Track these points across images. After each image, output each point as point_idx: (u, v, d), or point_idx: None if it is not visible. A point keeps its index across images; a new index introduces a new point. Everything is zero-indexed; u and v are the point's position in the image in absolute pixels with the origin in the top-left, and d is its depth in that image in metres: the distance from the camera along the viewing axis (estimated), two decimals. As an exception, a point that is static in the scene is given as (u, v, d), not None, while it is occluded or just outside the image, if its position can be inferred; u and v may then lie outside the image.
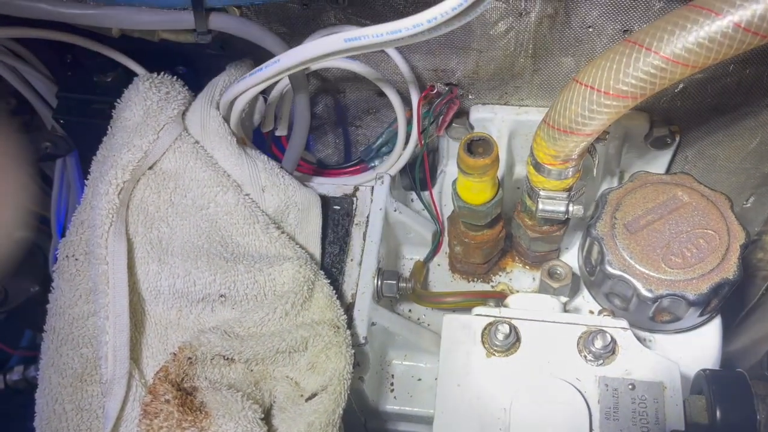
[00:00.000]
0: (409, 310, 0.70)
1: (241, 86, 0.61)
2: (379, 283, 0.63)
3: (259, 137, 0.72)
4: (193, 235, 0.60)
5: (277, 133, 0.72)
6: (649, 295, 0.57)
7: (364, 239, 0.66)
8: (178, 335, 0.59)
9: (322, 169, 0.77)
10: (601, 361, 0.52)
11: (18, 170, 0.68)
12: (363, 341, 0.61)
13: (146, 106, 0.61)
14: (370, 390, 0.64)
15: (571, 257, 0.69)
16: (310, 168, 0.76)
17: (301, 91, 0.65)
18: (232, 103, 0.63)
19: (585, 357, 0.53)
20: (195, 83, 0.65)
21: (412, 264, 0.71)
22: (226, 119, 0.64)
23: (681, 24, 0.43)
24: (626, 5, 0.60)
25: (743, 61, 0.63)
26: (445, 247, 0.72)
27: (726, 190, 0.62)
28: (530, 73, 0.68)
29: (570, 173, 0.56)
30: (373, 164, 0.76)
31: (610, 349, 0.52)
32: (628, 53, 0.46)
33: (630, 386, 0.51)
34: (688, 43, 0.43)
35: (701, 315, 0.61)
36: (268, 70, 0.57)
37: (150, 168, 0.61)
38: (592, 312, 0.65)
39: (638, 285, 0.57)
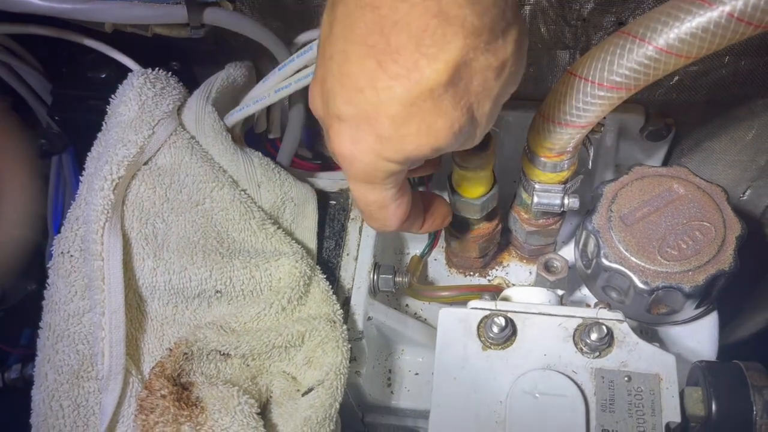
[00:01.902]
0: (406, 305, 0.70)
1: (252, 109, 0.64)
2: (376, 277, 0.63)
3: (252, 134, 0.72)
4: (188, 230, 0.60)
5: (271, 136, 0.72)
6: (645, 287, 0.57)
7: (360, 234, 0.66)
8: (174, 331, 0.59)
9: (318, 164, 0.77)
10: (597, 354, 0.52)
11: (21, 167, 0.68)
12: (359, 336, 0.61)
13: (141, 101, 0.61)
14: (367, 385, 0.64)
15: (568, 251, 0.69)
16: (305, 163, 0.76)
17: (296, 86, 0.65)
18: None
19: (581, 349, 0.53)
20: (189, 79, 0.65)
21: (408, 259, 0.71)
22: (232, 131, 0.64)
23: (674, 14, 0.43)
24: (621, -3, 0.60)
25: (738, 53, 0.63)
26: (441, 242, 0.72)
27: (722, 183, 0.62)
28: (525, 66, 0.68)
29: (565, 166, 0.55)
30: (369, 159, 0.75)
31: (606, 342, 0.52)
32: (622, 44, 0.46)
33: (626, 378, 0.51)
34: (681, 34, 0.43)
35: (698, 307, 0.61)
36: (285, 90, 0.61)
37: (145, 164, 0.61)
38: (588, 305, 0.65)
39: (634, 277, 0.57)
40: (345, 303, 0.62)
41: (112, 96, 0.63)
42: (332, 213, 0.68)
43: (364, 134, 0.38)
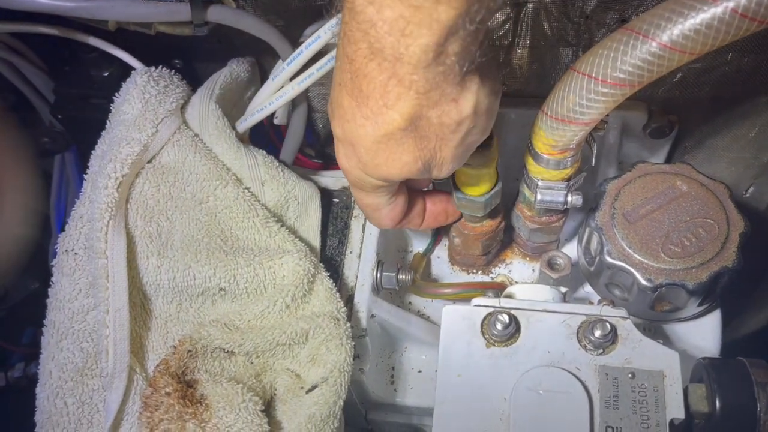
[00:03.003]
0: (410, 302, 0.70)
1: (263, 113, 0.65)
2: (379, 275, 0.64)
3: (255, 132, 0.72)
4: (192, 228, 0.60)
5: (276, 122, 0.72)
6: (648, 284, 0.57)
7: (363, 232, 0.66)
8: (179, 329, 0.59)
9: (321, 162, 0.77)
10: (601, 350, 0.52)
11: (21, 167, 0.68)
12: (363, 333, 0.61)
13: (145, 99, 0.61)
14: (371, 382, 0.64)
15: (571, 248, 0.69)
16: (308, 161, 0.76)
17: (299, 84, 0.65)
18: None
19: (585, 346, 0.53)
20: (191, 76, 0.65)
21: (412, 256, 0.71)
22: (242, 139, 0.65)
23: (678, 11, 0.43)
24: (624, -6, 0.60)
25: (741, 50, 0.63)
26: (444, 239, 0.72)
27: (725, 180, 0.62)
28: (528, 63, 0.68)
29: (568, 163, 0.55)
30: (371, 157, 0.75)
31: (610, 338, 0.52)
32: (626, 41, 0.45)
33: (630, 375, 0.51)
34: (685, 30, 0.43)
35: (701, 304, 0.61)
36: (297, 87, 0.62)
37: (149, 162, 0.61)
38: (591, 302, 0.65)
39: (637, 275, 0.57)
40: (348, 301, 0.62)
41: (116, 94, 0.63)
42: (335, 211, 0.68)
43: (351, 154, 0.46)
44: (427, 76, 0.39)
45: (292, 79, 0.64)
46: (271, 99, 0.65)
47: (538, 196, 0.58)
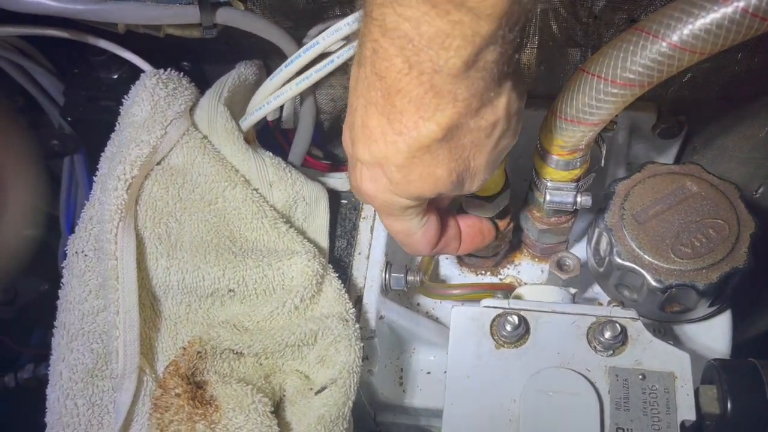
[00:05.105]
0: (418, 304, 0.70)
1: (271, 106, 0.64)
2: (387, 276, 0.63)
3: (262, 133, 0.72)
4: (201, 230, 0.60)
5: (283, 126, 0.72)
6: (658, 285, 0.57)
7: (372, 233, 0.66)
8: (188, 330, 0.60)
9: (329, 163, 0.77)
10: (611, 352, 0.52)
11: (28, 169, 0.68)
12: (372, 334, 0.61)
13: (153, 101, 0.62)
14: (380, 383, 0.64)
15: (580, 249, 0.69)
16: (317, 162, 0.76)
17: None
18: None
19: (595, 348, 0.53)
20: (199, 78, 0.65)
21: (420, 257, 0.71)
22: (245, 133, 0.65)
23: (688, 11, 0.43)
24: (633, -6, 0.60)
25: (752, 49, 0.63)
26: (452, 240, 0.71)
27: (735, 180, 0.62)
28: (536, 64, 0.68)
29: (578, 163, 0.55)
30: (380, 158, 0.75)
31: (620, 340, 0.52)
32: (635, 41, 0.45)
33: (640, 376, 0.51)
34: (695, 30, 0.43)
35: (712, 305, 0.60)
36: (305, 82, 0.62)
37: (158, 163, 0.62)
38: (600, 303, 0.64)
39: (647, 275, 0.57)
40: (357, 302, 0.62)
41: (125, 97, 0.63)
42: (344, 212, 0.68)
43: (380, 176, 0.44)
44: (467, 84, 0.39)
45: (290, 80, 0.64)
46: (269, 99, 0.65)
47: (548, 197, 0.58)
